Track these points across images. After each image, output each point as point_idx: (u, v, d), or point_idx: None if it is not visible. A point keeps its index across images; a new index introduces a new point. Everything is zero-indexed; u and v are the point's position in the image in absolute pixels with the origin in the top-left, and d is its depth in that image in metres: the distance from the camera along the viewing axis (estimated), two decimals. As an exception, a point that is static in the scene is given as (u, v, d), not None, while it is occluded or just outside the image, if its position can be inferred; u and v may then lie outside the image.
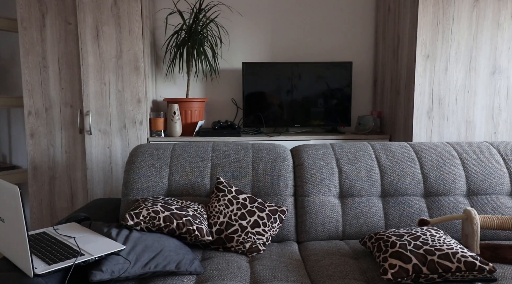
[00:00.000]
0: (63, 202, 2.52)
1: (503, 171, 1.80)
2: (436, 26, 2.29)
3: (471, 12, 2.29)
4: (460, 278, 1.28)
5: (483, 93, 2.35)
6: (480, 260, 1.28)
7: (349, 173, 1.78)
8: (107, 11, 2.33)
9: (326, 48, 2.86)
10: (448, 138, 2.37)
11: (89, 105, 2.38)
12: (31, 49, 2.41)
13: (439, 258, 1.28)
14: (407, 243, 1.34)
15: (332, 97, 2.70)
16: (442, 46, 2.31)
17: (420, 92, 2.32)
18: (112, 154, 2.42)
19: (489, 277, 1.29)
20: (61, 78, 2.44)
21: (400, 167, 1.80)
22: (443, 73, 2.33)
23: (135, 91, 2.39)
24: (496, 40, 2.32)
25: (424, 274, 1.26)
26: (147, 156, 1.83)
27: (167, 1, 2.77)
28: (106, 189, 2.44)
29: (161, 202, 1.56)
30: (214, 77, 2.82)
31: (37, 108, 2.44)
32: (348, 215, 1.72)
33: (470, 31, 2.31)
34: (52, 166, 2.49)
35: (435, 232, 1.42)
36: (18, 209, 1.10)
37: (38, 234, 1.45)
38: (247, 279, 1.34)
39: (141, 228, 1.46)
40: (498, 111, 2.38)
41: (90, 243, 1.35)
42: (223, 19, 2.77)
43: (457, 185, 1.78)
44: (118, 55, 2.36)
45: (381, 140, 2.56)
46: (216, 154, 1.84)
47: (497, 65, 2.34)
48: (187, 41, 2.58)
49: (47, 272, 1.16)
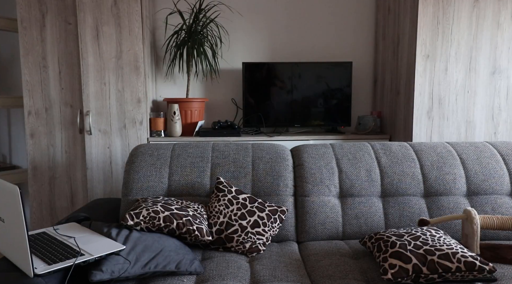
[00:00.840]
0: (63, 202, 2.52)
1: (503, 171, 1.80)
2: (436, 26, 2.29)
3: (471, 12, 2.29)
4: (460, 278, 1.28)
5: (483, 93, 2.35)
6: (480, 260, 1.28)
7: (349, 173, 1.78)
8: (107, 11, 2.33)
9: (326, 48, 2.86)
10: (448, 139, 2.37)
11: (89, 105, 2.38)
12: (31, 49, 2.41)
13: (439, 258, 1.28)
14: (407, 243, 1.34)
15: (332, 97, 2.70)
16: (442, 46, 2.31)
17: (420, 92, 2.32)
18: (112, 154, 2.42)
19: (489, 277, 1.29)
20: (61, 78, 2.44)
21: (400, 167, 1.80)
22: (443, 73, 2.33)
23: (135, 91, 2.39)
24: (496, 40, 2.32)
25: (424, 274, 1.26)
26: (147, 156, 1.83)
27: (167, 1, 2.77)
28: (106, 189, 2.44)
29: (161, 202, 1.56)
30: (214, 77, 2.82)
31: (37, 108, 2.44)
32: (348, 215, 1.72)
33: (470, 31, 2.31)
34: (52, 166, 2.49)
35: (435, 232, 1.42)
36: (18, 209, 1.10)
37: (38, 234, 1.45)
38: (247, 279, 1.34)
39: (141, 228, 1.46)
40: (498, 111, 2.38)
41: (90, 243, 1.35)
42: (223, 19, 2.77)
43: (457, 185, 1.78)
44: (118, 55, 2.36)
45: (381, 140, 2.56)
46: (216, 154, 1.84)
47: (497, 65, 2.34)
48: (187, 41, 2.58)
49: (47, 272, 1.16)
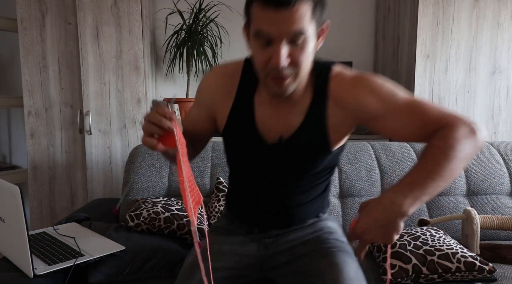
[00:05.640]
0: (63, 202, 2.52)
1: (503, 171, 1.80)
2: (436, 26, 2.29)
3: (471, 12, 2.29)
4: (460, 278, 1.28)
5: (483, 93, 2.35)
6: (480, 260, 1.28)
7: (349, 173, 1.78)
8: (107, 11, 2.33)
9: (326, 48, 2.85)
10: (448, 138, 2.37)
11: (89, 105, 2.38)
12: (31, 49, 2.40)
13: (439, 258, 1.28)
14: (407, 243, 1.34)
15: (332, 97, 2.69)
16: (442, 46, 2.31)
17: (420, 92, 2.32)
18: (112, 154, 2.42)
19: (489, 277, 1.29)
20: (61, 78, 2.44)
21: (400, 167, 1.80)
22: (443, 73, 2.33)
23: (135, 91, 2.39)
24: (496, 40, 2.32)
25: (424, 274, 1.26)
26: (147, 156, 1.83)
27: (167, 1, 2.77)
28: (106, 189, 2.44)
29: (162, 203, 1.56)
30: (214, 77, 2.82)
31: (37, 108, 2.44)
32: (348, 215, 1.72)
33: (470, 31, 2.30)
34: (52, 166, 2.49)
35: (435, 232, 1.43)
36: (18, 209, 1.10)
37: (38, 234, 1.45)
38: (247, 279, 1.34)
39: (141, 229, 1.46)
40: (498, 111, 2.38)
41: (90, 244, 1.35)
42: (223, 19, 2.76)
43: (457, 185, 1.78)
44: (118, 55, 2.36)
45: (381, 140, 2.56)
46: (216, 154, 1.84)
47: (497, 65, 2.34)
48: (187, 41, 2.58)
49: (47, 272, 1.16)
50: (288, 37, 0.84)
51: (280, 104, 1.00)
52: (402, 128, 0.95)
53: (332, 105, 0.98)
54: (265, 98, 1.01)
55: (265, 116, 1.02)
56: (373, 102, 0.95)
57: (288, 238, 1.10)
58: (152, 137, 0.83)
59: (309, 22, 0.84)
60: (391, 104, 0.95)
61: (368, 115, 0.97)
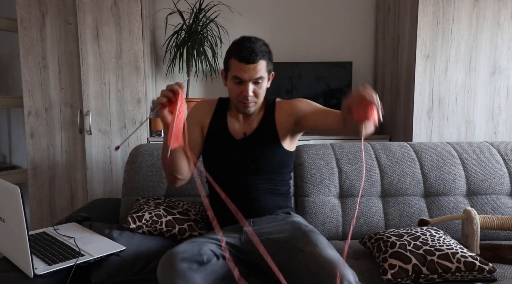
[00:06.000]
0: (63, 202, 2.52)
1: (503, 171, 1.80)
2: (436, 26, 2.29)
3: (471, 12, 2.29)
4: (460, 278, 1.28)
5: (483, 93, 2.35)
6: (480, 260, 1.28)
7: (349, 173, 1.78)
8: (107, 11, 2.33)
9: (326, 48, 2.86)
10: (448, 138, 2.37)
11: (89, 105, 2.38)
12: (31, 49, 2.41)
13: (439, 258, 1.28)
14: (407, 243, 1.34)
15: (332, 97, 2.70)
16: (442, 46, 2.31)
17: (420, 92, 2.32)
18: (112, 154, 2.42)
19: (489, 277, 1.29)
20: (61, 78, 2.44)
21: (400, 167, 1.80)
22: (443, 73, 2.33)
23: (135, 91, 2.39)
24: (496, 40, 2.32)
25: (424, 274, 1.26)
26: (147, 156, 1.83)
27: (167, 1, 2.77)
28: (106, 189, 2.44)
29: (163, 205, 1.56)
30: (214, 77, 2.82)
31: (37, 108, 2.44)
32: (348, 215, 1.72)
33: (470, 31, 2.31)
34: (52, 166, 2.49)
35: (435, 232, 1.43)
36: (18, 209, 1.10)
37: (38, 234, 1.45)
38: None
39: (142, 231, 1.46)
40: (498, 111, 2.38)
41: (90, 244, 1.35)
42: (223, 19, 2.76)
43: (457, 185, 1.78)
44: (118, 55, 2.36)
45: (381, 140, 2.56)
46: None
47: (497, 65, 2.34)
48: (187, 41, 2.58)
49: (47, 272, 1.16)
50: (253, 80, 1.34)
51: (244, 118, 1.47)
52: (323, 119, 1.37)
53: (278, 113, 1.47)
54: (234, 113, 1.48)
55: (234, 123, 1.48)
56: (303, 106, 1.45)
57: (265, 225, 1.39)
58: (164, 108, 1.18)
59: (265, 71, 1.35)
60: (314, 106, 1.44)
61: (301, 114, 1.43)
